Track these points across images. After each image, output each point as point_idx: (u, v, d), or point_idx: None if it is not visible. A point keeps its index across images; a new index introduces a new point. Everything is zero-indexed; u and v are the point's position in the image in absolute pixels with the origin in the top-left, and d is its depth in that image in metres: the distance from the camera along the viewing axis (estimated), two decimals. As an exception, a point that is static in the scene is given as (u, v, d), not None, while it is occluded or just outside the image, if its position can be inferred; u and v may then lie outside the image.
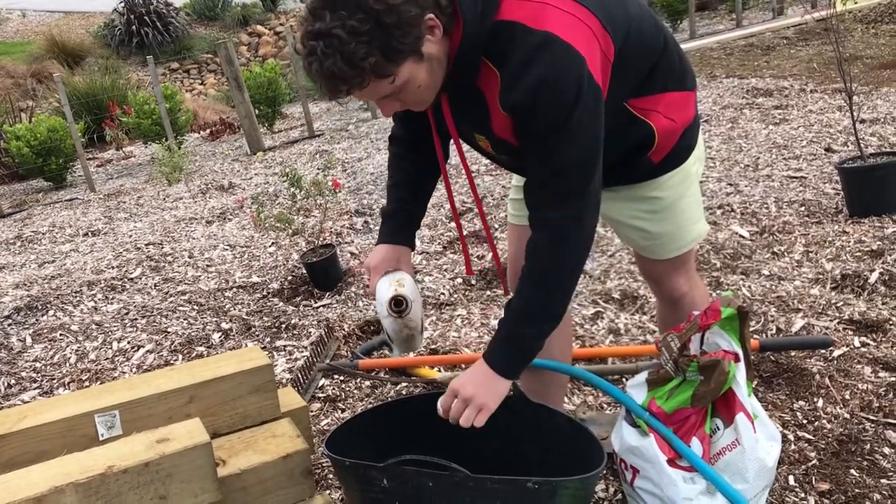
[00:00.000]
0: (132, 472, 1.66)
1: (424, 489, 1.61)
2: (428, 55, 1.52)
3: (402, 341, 1.87)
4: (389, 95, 1.57)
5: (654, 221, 1.93)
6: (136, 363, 3.48)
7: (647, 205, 1.91)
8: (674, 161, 1.86)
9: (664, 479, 1.71)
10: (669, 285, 2.05)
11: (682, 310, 2.03)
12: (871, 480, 2.10)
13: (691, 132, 1.87)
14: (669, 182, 1.88)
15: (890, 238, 3.60)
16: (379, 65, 1.47)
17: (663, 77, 1.78)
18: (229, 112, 12.96)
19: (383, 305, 1.82)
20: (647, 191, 1.89)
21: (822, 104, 6.56)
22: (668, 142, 1.81)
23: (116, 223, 6.53)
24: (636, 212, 1.92)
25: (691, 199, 1.96)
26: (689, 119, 1.85)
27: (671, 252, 1.98)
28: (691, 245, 2.01)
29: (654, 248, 1.99)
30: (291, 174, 4.25)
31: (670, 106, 1.78)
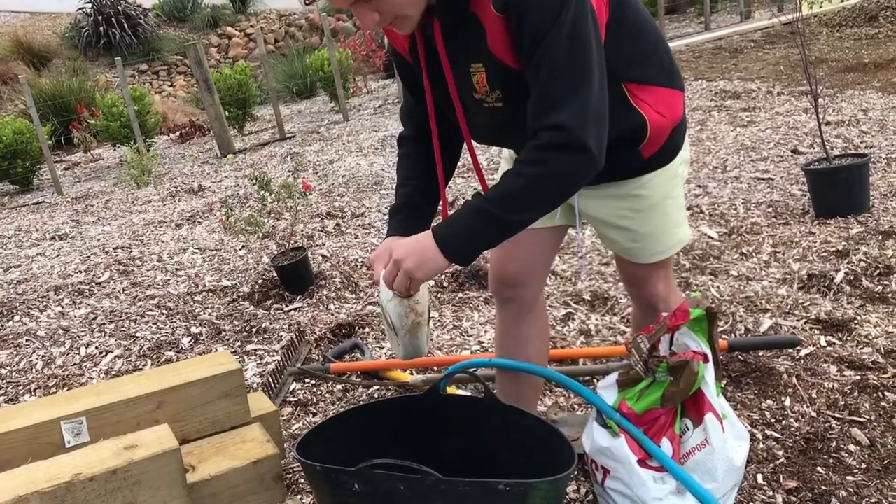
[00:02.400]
0: (99, 480, 1.64)
1: (396, 493, 1.61)
2: None
3: (407, 332, 1.71)
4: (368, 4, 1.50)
5: (638, 220, 1.92)
6: (104, 369, 3.43)
7: (633, 203, 1.89)
8: (661, 159, 1.86)
9: (634, 480, 1.72)
10: (649, 290, 2.06)
11: (658, 315, 2.05)
12: (838, 477, 2.13)
13: (679, 132, 1.87)
14: (656, 181, 1.88)
15: (855, 238, 3.66)
16: None
17: (656, 71, 1.77)
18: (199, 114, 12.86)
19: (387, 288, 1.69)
20: (633, 188, 1.88)
21: (788, 106, 6.65)
22: (658, 137, 1.80)
23: (84, 227, 6.45)
24: (621, 210, 1.91)
25: (676, 200, 1.96)
26: (678, 118, 1.85)
27: (654, 256, 1.98)
28: (674, 249, 2.01)
29: (637, 250, 1.98)
30: (260, 177, 4.22)
31: (660, 101, 1.77)
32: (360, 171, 6.85)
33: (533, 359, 2.12)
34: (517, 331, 2.11)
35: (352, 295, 3.89)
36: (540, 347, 2.18)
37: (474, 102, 1.72)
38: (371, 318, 3.54)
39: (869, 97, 6.58)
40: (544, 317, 2.24)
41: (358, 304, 3.75)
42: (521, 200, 1.56)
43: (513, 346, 2.15)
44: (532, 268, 2.04)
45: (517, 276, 2.04)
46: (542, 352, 2.22)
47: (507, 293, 2.09)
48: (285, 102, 13.99)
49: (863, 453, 2.22)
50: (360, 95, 13.28)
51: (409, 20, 1.57)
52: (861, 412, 2.39)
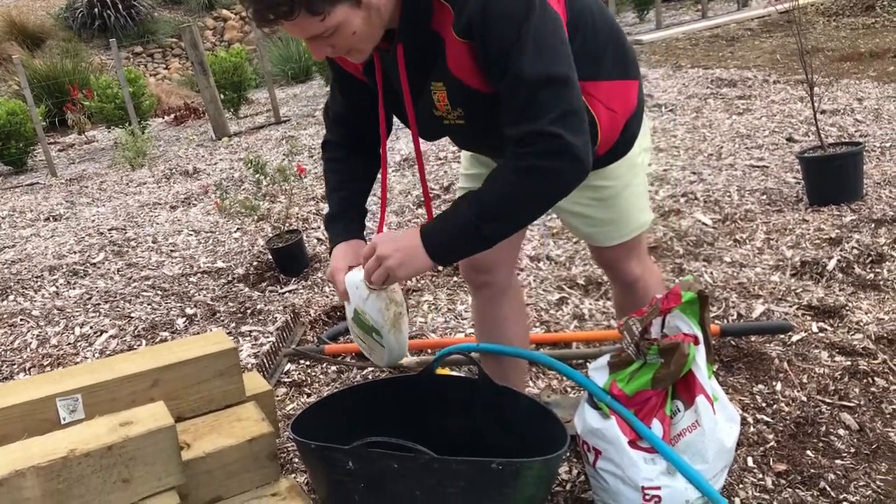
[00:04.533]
0: (95, 456, 1.65)
1: (389, 471, 1.62)
2: (367, 2, 1.47)
3: (391, 326, 1.69)
4: (320, 36, 1.49)
5: (598, 209, 1.94)
6: (98, 348, 3.44)
7: (593, 192, 1.90)
8: (618, 152, 1.86)
9: (625, 461, 1.74)
10: (622, 271, 2.08)
11: (636, 294, 2.06)
12: (826, 461, 2.15)
13: (634, 122, 1.87)
14: (615, 172, 1.89)
15: (848, 226, 3.67)
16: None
17: (609, 65, 1.77)
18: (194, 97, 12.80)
19: (359, 285, 1.67)
20: (593, 179, 1.87)
21: (784, 95, 6.65)
22: (612, 133, 1.80)
23: (79, 208, 6.44)
24: (582, 199, 1.90)
25: (637, 188, 1.96)
26: (631, 109, 1.84)
27: (615, 240, 2.00)
28: (636, 233, 2.02)
29: (596, 235, 2.00)
30: (255, 161, 4.22)
31: (613, 96, 1.76)
32: (356, 155, 6.82)
33: (513, 340, 2.14)
34: (494, 314, 2.12)
35: (346, 278, 3.89)
36: (519, 329, 2.20)
37: (435, 120, 1.71)
38: (365, 300, 3.55)
39: (864, 86, 6.58)
40: (520, 298, 2.25)
41: (352, 287, 3.75)
42: (515, 208, 1.57)
43: (492, 329, 2.16)
44: (501, 252, 2.04)
45: (487, 261, 2.04)
46: (522, 333, 2.24)
47: (480, 278, 2.11)
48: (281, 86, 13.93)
49: (852, 437, 2.24)
50: (355, 80, 13.20)
51: (363, 53, 1.58)
52: (851, 397, 2.41)
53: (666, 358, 1.72)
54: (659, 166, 5.05)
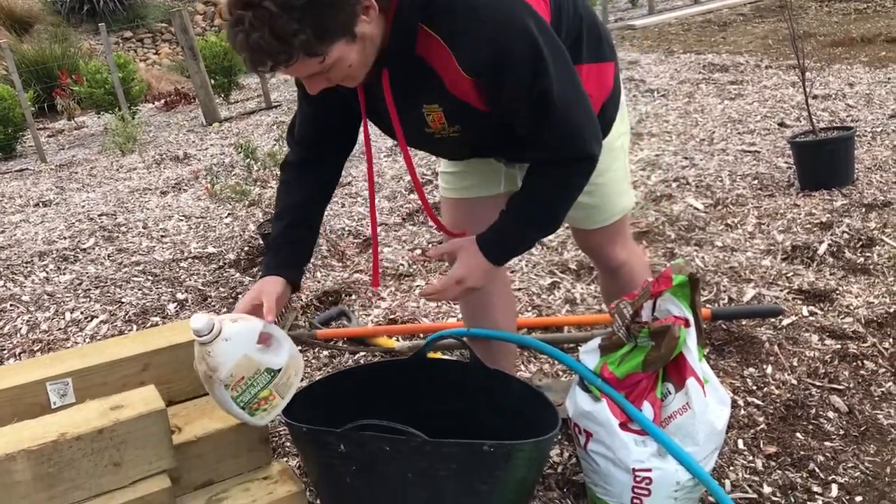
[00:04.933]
0: (85, 439, 1.65)
1: (381, 454, 1.62)
2: (361, 35, 1.48)
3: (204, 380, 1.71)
4: (317, 74, 1.52)
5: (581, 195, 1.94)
6: (89, 334, 3.43)
7: None
8: None
9: (616, 443, 1.74)
10: (606, 256, 2.08)
11: (622, 279, 2.06)
12: (816, 443, 2.17)
13: (611, 105, 1.86)
14: None
15: (839, 211, 3.68)
16: (309, 43, 1.42)
17: (582, 48, 1.76)
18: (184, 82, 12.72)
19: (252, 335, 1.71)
20: None
21: (776, 80, 6.66)
22: None
23: (68, 194, 6.40)
24: None
25: (617, 173, 1.96)
26: (607, 92, 1.84)
27: (597, 223, 2.00)
28: (618, 216, 2.02)
29: (578, 217, 2.00)
30: (245, 146, 4.20)
31: (588, 79, 1.75)
32: (347, 140, 6.80)
33: (500, 324, 2.14)
34: (481, 300, 2.11)
35: (338, 263, 3.89)
36: (506, 312, 2.20)
37: (424, 136, 1.73)
38: (358, 285, 3.55)
39: (856, 71, 6.59)
40: (507, 283, 2.26)
41: (345, 272, 3.75)
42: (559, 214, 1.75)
43: (479, 315, 2.16)
44: None
45: None
46: (510, 317, 2.24)
47: None
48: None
49: (841, 420, 2.26)
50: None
51: (357, 79, 1.59)
52: (840, 380, 2.43)
53: (657, 341, 1.72)
54: (651, 151, 5.05)
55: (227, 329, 1.68)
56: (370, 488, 1.68)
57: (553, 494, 2.06)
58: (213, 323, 1.67)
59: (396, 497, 1.67)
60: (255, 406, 1.73)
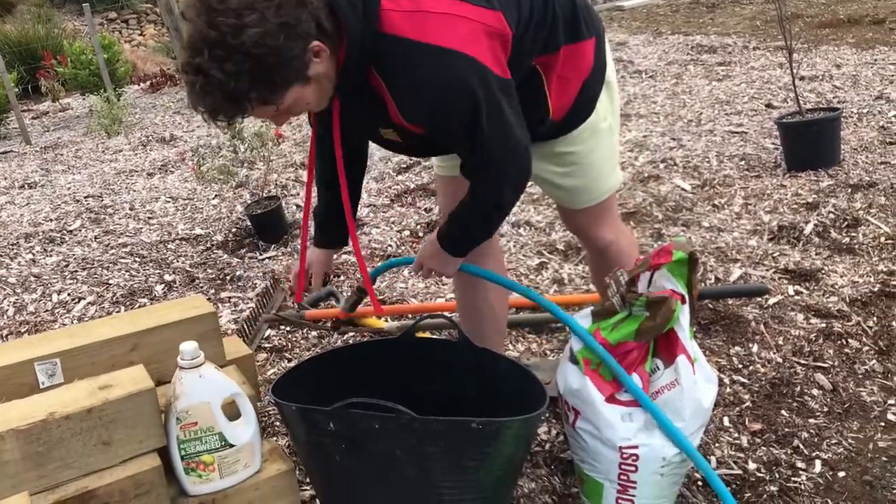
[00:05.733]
0: (74, 419, 1.65)
1: (370, 431, 1.63)
2: (315, 76, 1.52)
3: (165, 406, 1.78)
4: (277, 114, 1.57)
5: (565, 177, 1.95)
6: (76, 315, 3.42)
7: (558, 159, 1.92)
8: (579, 116, 1.87)
9: (601, 422, 1.75)
10: (592, 235, 2.08)
11: (610, 259, 2.06)
12: (800, 420, 2.19)
13: (593, 83, 1.86)
14: (579, 137, 1.89)
15: (825, 191, 3.71)
16: (262, 97, 1.48)
17: (560, 32, 1.76)
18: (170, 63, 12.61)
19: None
20: (558, 147, 1.90)
21: (763, 61, 6.66)
22: (564, 100, 1.81)
23: (54, 175, 6.35)
24: (547, 166, 1.93)
25: (603, 152, 1.96)
26: (587, 70, 1.83)
27: (583, 203, 2.01)
28: (605, 196, 2.02)
29: (566, 198, 2.01)
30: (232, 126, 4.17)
31: (565, 62, 1.77)
32: (335, 121, 6.78)
33: (493, 303, 2.15)
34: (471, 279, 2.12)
35: (326, 244, 3.88)
36: (499, 292, 2.20)
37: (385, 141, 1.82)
38: (346, 266, 3.55)
39: (843, 53, 6.61)
40: (501, 262, 2.26)
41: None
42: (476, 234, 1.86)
43: (471, 294, 2.17)
44: None
45: None
46: (502, 296, 2.25)
47: None
48: (258, 53, 13.74)
49: (825, 397, 2.28)
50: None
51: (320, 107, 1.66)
52: (825, 358, 2.45)
53: (652, 311, 1.73)
54: (639, 132, 5.05)
55: (207, 369, 1.74)
56: (359, 466, 1.69)
57: (541, 472, 2.08)
58: (199, 355, 1.73)
59: (385, 474, 1.68)
60: (194, 465, 1.76)
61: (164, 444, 1.76)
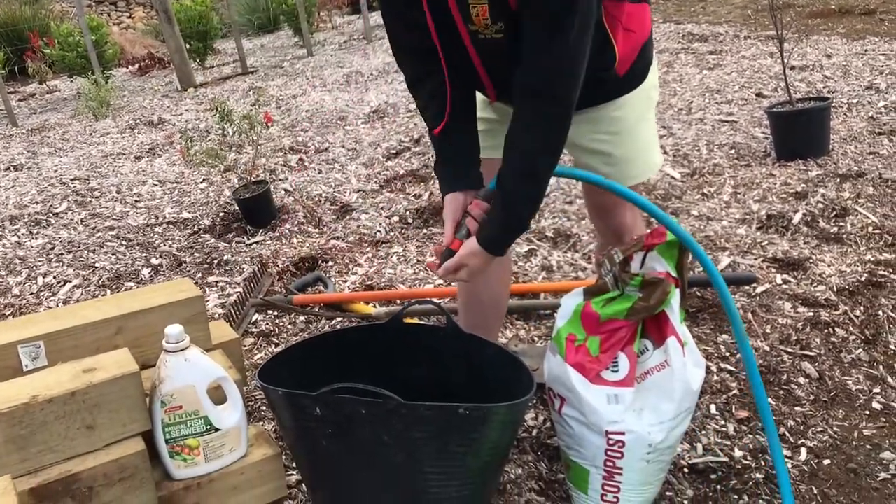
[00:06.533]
0: (58, 402, 1.63)
1: (357, 416, 1.62)
2: None
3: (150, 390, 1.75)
4: None
5: (615, 143, 1.92)
6: (62, 298, 3.39)
7: (610, 125, 1.90)
8: (636, 78, 1.86)
9: (586, 407, 1.75)
10: (617, 218, 2.06)
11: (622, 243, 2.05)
12: (787, 408, 2.20)
13: (649, 47, 1.88)
14: (632, 101, 1.88)
15: (814, 181, 3.71)
16: None
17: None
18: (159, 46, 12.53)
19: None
20: (611, 111, 1.88)
21: (754, 50, 6.66)
22: (630, 54, 1.80)
23: (41, 158, 6.30)
24: (598, 134, 1.91)
25: (650, 123, 1.98)
26: (647, 32, 1.85)
27: (630, 179, 1.97)
28: (650, 173, 2.03)
29: (613, 174, 1.96)
30: (221, 108, 4.14)
31: (631, 17, 1.76)
32: (325, 106, 6.75)
33: (493, 288, 2.14)
34: None
35: (315, 229, 3.87)
36: (504, 276, 2.19)
37: (469, 33, 1.68)
38: (334, 252, 3.54)
39: (833, 43, 6.61)
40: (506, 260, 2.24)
41: (321, 238, 3.73)
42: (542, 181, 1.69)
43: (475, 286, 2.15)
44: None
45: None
46: (507, 281, 2.24)
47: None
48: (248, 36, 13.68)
49: (811, 386, 2.29)
50: (324, 30, 13.03)
51: None
52: (812, 347, 2.46)
53: (647, 291, 1.72)
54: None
55: (192, 352, 1.73)
56: (346, 451, 1.68)
57: (528, 458, 2.08)
58: (185, 339, 1.72)
59: (372, 460, 1.67)
60: (179, 449, 1.75)
61: (149, 427, 1.75)
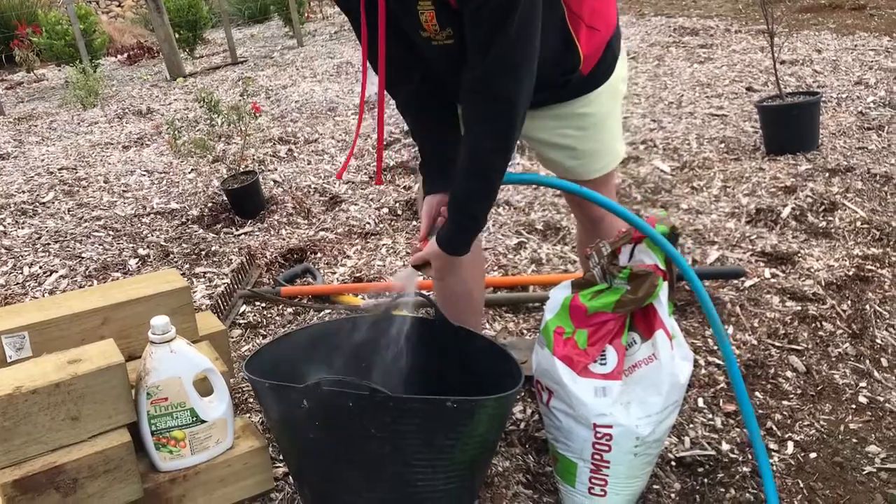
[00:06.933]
0: (42, 393, 1.62)
1: (344, 409, 1.61)
2: None
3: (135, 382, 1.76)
4: None
5: (581, 139, 1.92)
6: (48, 288, 3.37)
7: (577, 121, 1.89)
8: (603, 74, 1.85)
9: (573, 400, 1.74)
10: (591, 207, 2.07)
11: (601, 233, 2.05)
12: (774, 402, 2.20)
13: (615, 41, 1.87)
14: (599, 98, 1.88)
15: (803, 175, 3.72)
16: None
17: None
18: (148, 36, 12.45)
19: None
20: (578, 107, 1.88)
21: (745, 44, 6.67)
22: (594, 51, 1.79)
23: (27, 147, 6.25)
24: (564, 129, 1.91)
25: (617, 117, 1.98)
26: (613, 26, 1.84)
27: (595, 172, 1.99)
28: (613, 165, 2.02)
29: (578, 168, 1.98)
30: (208, 98, 4.11)
31: (594, 13, 1.75)
32: (314, 97, 6.72)
33: (469, 281, 2.13)
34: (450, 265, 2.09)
35: (304, 220, 3.85)
36: (475, 270, 2.19)
37: (423, 41, 1.69)
38: (323, 243, 3.52)
39: (823, 38, 6.63)
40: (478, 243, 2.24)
41: (310, 230, 3.72)
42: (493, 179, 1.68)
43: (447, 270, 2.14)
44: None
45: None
46: (479, 274, 2.23)
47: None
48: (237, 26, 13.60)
49: (799, 379, 2.29)
50: (315, 21, 12.97)
51: None
52: (799, 341, 2.46)
53: (634, 284, 1.72)
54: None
55: (178, 344, 1.73)
56: (333, 443, 1.68)
57: (515, 450, 2.08)
58: (171, 330, 1.71)
59: (359, 452, 1.67)
60: (164, 441, 1.75)
61: (134, 419, 1.73)
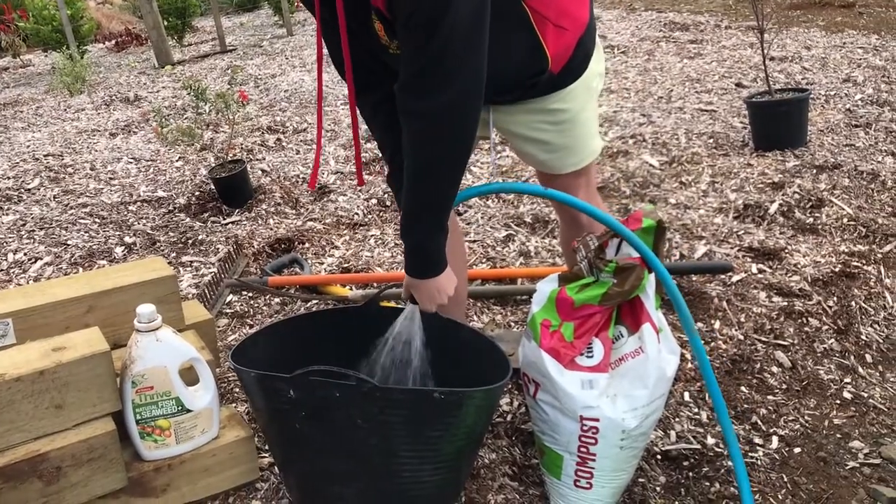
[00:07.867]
0: (26, 381, 1.61)
1: (331, 399, 1.61)
2: None
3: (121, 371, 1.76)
4: None
5: (555, 133, 1.92)
6: (33, 275, 3.34)
7: (551, 116, 1.88)
8: (574, 72, 1.84)
9: (560, 392, 1.74)
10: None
11: (582, 228, 2.05)
12: (759, 396, 2.21)
13: (588, 39, 1.84)
14: (572, 94, 1.87)
15: (791, 171, 3.73)
16: None
17: None
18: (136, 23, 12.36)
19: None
20: (551, 103, 1.87)
21: (735, 40, 6.68)
22: (563, 51, 1.77)
23: (13, 133, 6.19)
24: (539, 123, 1.90)
25: (591, 113, 1.96)
26: (583, 25, 1.81)
27: (569, 166, 1.98)
28: (589, 159, 2.01)
29: (552, 161, 1.98)
30: (194, 86, 4.08)
31: (562, 13, 1.72)
32: (304, 86, 6.69)
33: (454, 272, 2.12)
34: None
35: (292, 210, 3.83)
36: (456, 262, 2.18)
37: (381, 49, 1.68)
38: (311, 233, 3.51)
39: (813, 35, 6.65)
40: (457, 229, 2.24)
41: (298, 220, 3.70)
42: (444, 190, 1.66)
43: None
44: None
45: None
46: (461, 266, 2.22)
47: None
48: (227, 14, 13.52)
49: (784, 374, 2.30)
50: (304, 10, 12.90)
51: None
52: (785, 336, 2.47)
53: (621, 277, 1.72)
54: (609, 108, 5.05)
55: (164, 332, 1.73)
56: (320, 434, 1.67)
57: (502, 442, 2.08)
58: (156, 318, 1.71)
59: (346, 443, 1.66)
60: (149, 430, 1.75)
61: (119, 408, 1.73)
